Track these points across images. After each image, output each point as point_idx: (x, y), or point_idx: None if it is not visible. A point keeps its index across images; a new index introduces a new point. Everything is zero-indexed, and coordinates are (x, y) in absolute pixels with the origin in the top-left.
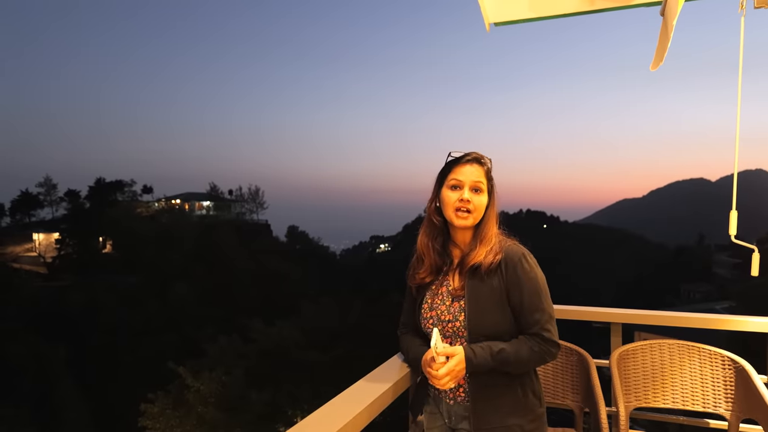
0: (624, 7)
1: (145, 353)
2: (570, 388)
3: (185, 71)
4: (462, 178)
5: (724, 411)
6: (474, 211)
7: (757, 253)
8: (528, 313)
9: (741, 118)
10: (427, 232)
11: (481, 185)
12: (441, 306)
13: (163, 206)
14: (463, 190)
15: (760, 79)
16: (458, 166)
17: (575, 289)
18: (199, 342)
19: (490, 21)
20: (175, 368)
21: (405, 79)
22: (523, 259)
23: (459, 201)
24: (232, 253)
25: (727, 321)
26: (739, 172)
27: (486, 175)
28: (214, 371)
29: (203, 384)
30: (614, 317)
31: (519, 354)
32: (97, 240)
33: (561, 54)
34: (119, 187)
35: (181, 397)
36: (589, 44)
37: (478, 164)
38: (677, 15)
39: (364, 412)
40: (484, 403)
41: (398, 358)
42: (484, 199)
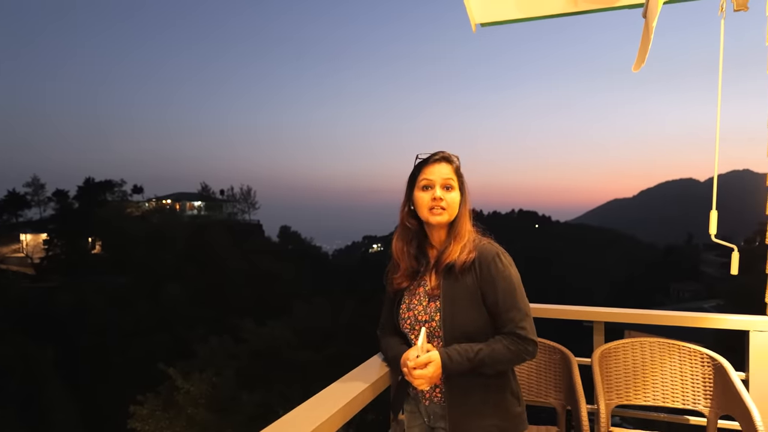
0: (608, 9)
1: (135, 354)
2: (553, 386)
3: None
4: (432, 178)
5: (703, 408)
6: (448, 208)
7: (736, 252)
8: (503, 311)
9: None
10: (401, 237)
11: (452, 182)
12: (418, 306)
13: (153, 206)
14: (434, 189)
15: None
16: (427, 166)
17: (568, 289)
18: (189, 343)
19: (476, 22)
20: (165, 369)
21: (398, 79)
22: (497, 257)
23: (432, 200)
24: (224, 254)
25: (707, 319)
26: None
27: (455, 172)
28: (204, 372)
29: (194, 385)
30: (596, 316)
31: (495, 354)
32: (87, 240)
33: (552, 55)
34: (109, 187)
35: (171, 399)
36: (581, 46)
37: (447, 162)
38: (657, 17)
39: (340, 411)
40: (460, 404)
41: (378, 357)
42: (457, 196)
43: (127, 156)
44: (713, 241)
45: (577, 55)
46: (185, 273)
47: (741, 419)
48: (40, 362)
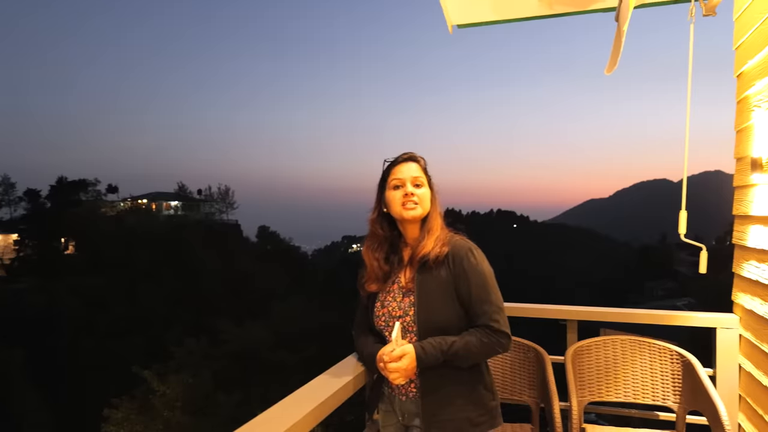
0: (582, 12)
1: (109, 357)
2: (527, 384)
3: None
4: (402, 176)
5: (672, 403)
6: (420, 202)
7: (704, 252)
8: (476, 305)
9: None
10: (369, 244)
11: (421, 180)
12: (392, 303)
13: (129, 206)
14: (405, 187)
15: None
16: (396, 167)
17: (545, 288)
18: (166, 344)
19: (453, 23)
20: (141, 372)
21: (378, 80)
22: (470, 252)
23: (404, 196)
24: (201, 254)
25: (676, 317)
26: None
27: (423, 170)
28: (181, 374)
29: (170, 387)
30: (569, 314)
31: (469, 346)
32: (59, 241)
33: (531, 57)
34: (82, 187)
35: (147, 402)
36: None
37: (414, 161)
38: (628, 20)
39: (314, 411)
40: (434, 399)
41: (353, 357)
42: (427, 192)
43: (102, 155)
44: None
45: (555, 58)
46: (161, 274)
47: (708, 414)
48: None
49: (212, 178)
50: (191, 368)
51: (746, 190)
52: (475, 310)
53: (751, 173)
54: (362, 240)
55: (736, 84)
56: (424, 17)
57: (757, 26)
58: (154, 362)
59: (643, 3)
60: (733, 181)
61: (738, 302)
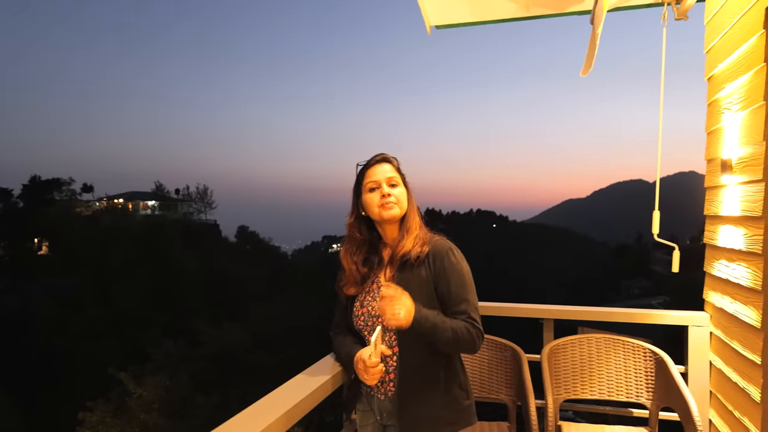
0: (558, 15)
1: (84, 359)
2: (504, 382)
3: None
4: (377, 178)
5: (645, 400)
6: (398, 202)
7: (677, 251)
8: (454, 303)
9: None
10: (347, 248)
11: (396, 180)
12: (372, 302)
13: (104, 206)
14: (381, 188)
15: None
16: (370, 169)
17: (524, 287)
18: (142, 346)
19: (431, 24)
20: (117, 374)
21: (358, 81)
22: (450, 251)
23: (381, 197)
24: (179, 254)
25: (649, 315)
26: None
27: (397, 170)
28: (158, 376)
29: (146, 390)
30: (545, 313)
31: (456, 327)
32: (32, 241)
33: (510, 59)
34: (56, 186)
35: (123, 404)
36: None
37: (387, 162)
38: (602, 24)
39: (290, 412)
40: (410, 398)
41: (330, 357)
42: (403, 191)
43: (77, 154)
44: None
45: (532, 59)
46: (138, 274)
47: (680, 410)
48: None
49: (190, 177)
50: (169, 370)
51: (716, 191)
52: (453, 309)
53: (721, 174)
54: (342, 240)
55: (707, 87)
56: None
57: (727, 31)
58: (130, 364)
59: (617, 6)
60: (704, 182)
61: (709, 300)
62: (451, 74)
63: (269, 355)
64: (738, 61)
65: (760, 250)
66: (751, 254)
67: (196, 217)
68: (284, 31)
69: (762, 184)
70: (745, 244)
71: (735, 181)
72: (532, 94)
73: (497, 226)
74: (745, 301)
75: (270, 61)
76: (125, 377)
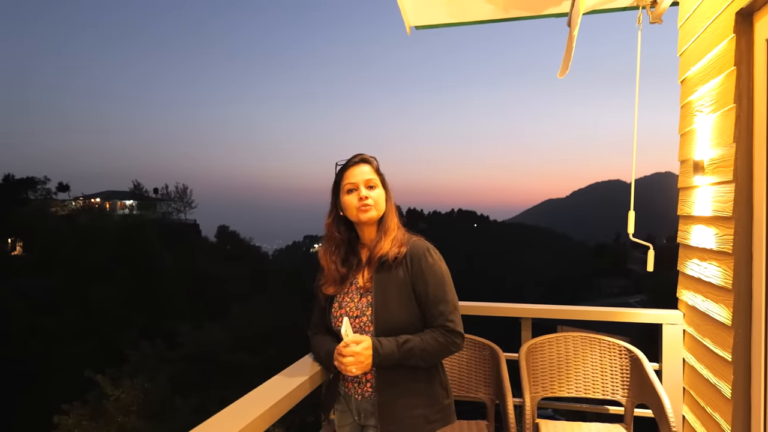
0: (536, 17)
1: (61, 361)
2: (482, 381)
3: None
4: (355, 180)
5: (621, 397)
6: (375, 204)
7: (652, 250)
8: (432, 304)
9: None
10: (326, 247)
11: (374, 182)
12: (350, 303)
13: (81, 205)
14: (359, 190)
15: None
16: (348, 170)
17: (504, 286)
18: (120, 348)
19: (410, 24)
20: (93, 376)
21: (339, 81)
22: (427, 252)
23: (359, 200)
24: (157, 254)
25: (625, 313)
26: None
27: (376, 171)
28: (136, 378)
29: (124, 392)
30: (523, 312)
31: (425, 345)
32: (6, 241)
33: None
34: (31, 185)
35: (100, 407)
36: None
37: (366, 163)
38: (578, 26)
39: (267, 413)
40: (389, 397)
41: (309, 357)
42: (382, 193)
43: (52, 152)
44: (643, 240)
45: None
46: (115, 275)
47: (653, 407)
48: None
49: (169, 176)
50: (147, 372)
51: (689, 192)
52: (432, 310)
53: (693, 175)
54: (322, 240)
55: (680, 89)
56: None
57: (699, 34)
58: (107, 366)
59: (593, 9)
60: (678, 182)
61: (682, 299)
62: (431, 75)
63: (250, 356)
64: (710, 64)
65: (731, 249)
66: (722, 253)
67: (175, 216)
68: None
69: (732, 185)
70: (716, 244)
71: (707, 181)
72: (512, 96)
73: (478, 226)
74: (716, 300)
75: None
76: (102, 379)
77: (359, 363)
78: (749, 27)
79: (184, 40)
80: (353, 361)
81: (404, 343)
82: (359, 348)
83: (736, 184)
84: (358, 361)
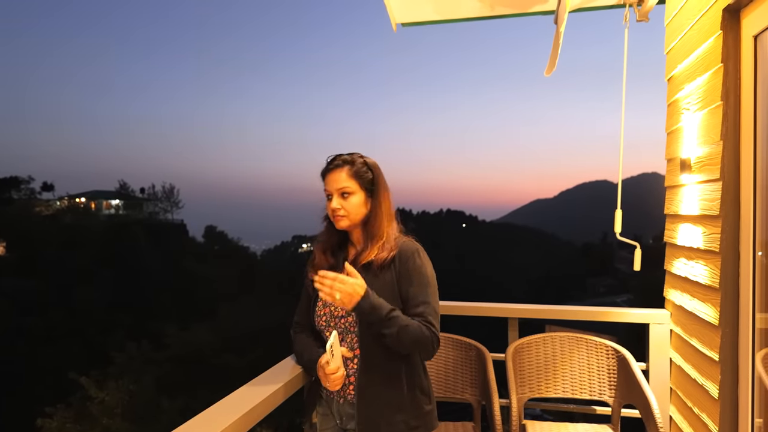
0: (522, 15)
1: (44, 363)
2: (469, 382)
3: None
4: (329, 188)
5: (608, 398)
6: (348, 214)
7: (638, 249)
8: (413, 305)
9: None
10: (322, 234)
11: (348, 188)
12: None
13: (66, 205)
14: (333, 199)
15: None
16: (326, 176)
17: (492, 285)
18: (105, 349)
19: (396, 21)
20: (77, 379)
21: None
22: (416, 253)
23: (331, 210)
24: (144, 255)
25: (612, 313)
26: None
27: (353, 176)
28: (121, 380)
29: (109, 394)
30: (509, 312)
31: (408, 323)
32: None
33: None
34: (14, 184)
35: (84, 410)
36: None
37: (341, 168)
38: (564, 23)
39: (249, 414)
40: (370, 403)
41: (291, 359)
42: (357, 199)
43: (36, 151)
44: (629, 239)
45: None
46: (101, 276)
47: (640, 407)
48: None
49: (156, 176)
50: (133, 374)
51: (676, 190)
52: (413, 310)
53: (680, 174)
54: (313, 239)
55: (667, 87)
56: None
57: (686, 32)
58: (92, 368)
59: (580, 7)
60: (665, 182)
61: (669, 298)
62: (421, 75)
63: (237, 357)
64: (696, 61)
65: (718, 248)
66: (709, 252)
67: (161, 216)
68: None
69: (719, 183)
70: (703, 243)
71: (693, 180)
72: (499, 97)
73: (467, 226)
74: (703, 299)
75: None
76: (87, 382)
77: (347, 293)
78: (736, 23)
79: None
80: (342, 288)
81: (392, 310)
82: (354, 281)
83: (723, 182)
84: (346, 291)
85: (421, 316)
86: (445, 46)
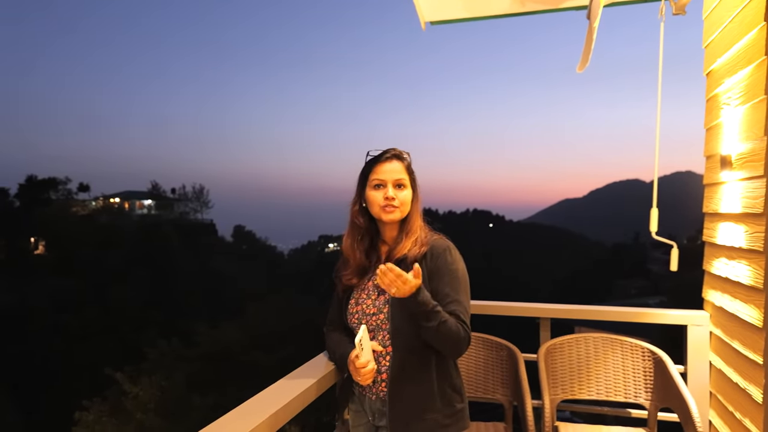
0: (554, 10)
1: (81, 359)
2: (500, 382)
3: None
4: (384, 177)
5: (644, 401)
6: (401, 206)
7: (675, 249)
8: (444, 303)
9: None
10: (351, 234)
11: (404, 181)
12: (367, 300)
13: (101, 205)
14: (386, 188)
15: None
16: (378, 165)
17: (520, 286)
18: (138, 346)
19: (425, 20)
20: (113, 374)
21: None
22: (447, 251)
23: (385, 199)
24: (175, 254)
25: (648, 314)
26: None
27: (406, 170)
28: (154, 376)
29: (143, 390)
30: (542, 312)
31: (447, 319)
32: (28, 241)
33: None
34: (53, 185)
35: (119, 404)
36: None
37: (398, 160)
38: (598, 18)
39: (280, 412)
40: (401, 400)
41: (323, 356)
42: (409, 194)
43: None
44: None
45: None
46: (134, 274)
47: (679, 411)
48: None
49: (186, 176)
50: (165, 370)
51: (716, 188)
52: (444, 309)
53: (720, 171)
54: (339, 240)
55: (706, 82)
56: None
57: (726, 25)
58: (126, 364)
59: (614, 2)
60: (703, 180)
61: (708, 299)
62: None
63: (266, 355)
64: (737, 55)
65: (762, 247)
66: (752, 252)
67: (192, 216)
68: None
69: (763, 180)
70: (745, 242)
71: (735, 177)
72: (528, 94)
73: (494, 226)
74: (745, 300)
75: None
76: (121, 377)
77: (400, 286)
78: None
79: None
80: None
81: (436, 305)
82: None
83: (767, 179)
84: (400, 284)
85: (452, 314)
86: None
